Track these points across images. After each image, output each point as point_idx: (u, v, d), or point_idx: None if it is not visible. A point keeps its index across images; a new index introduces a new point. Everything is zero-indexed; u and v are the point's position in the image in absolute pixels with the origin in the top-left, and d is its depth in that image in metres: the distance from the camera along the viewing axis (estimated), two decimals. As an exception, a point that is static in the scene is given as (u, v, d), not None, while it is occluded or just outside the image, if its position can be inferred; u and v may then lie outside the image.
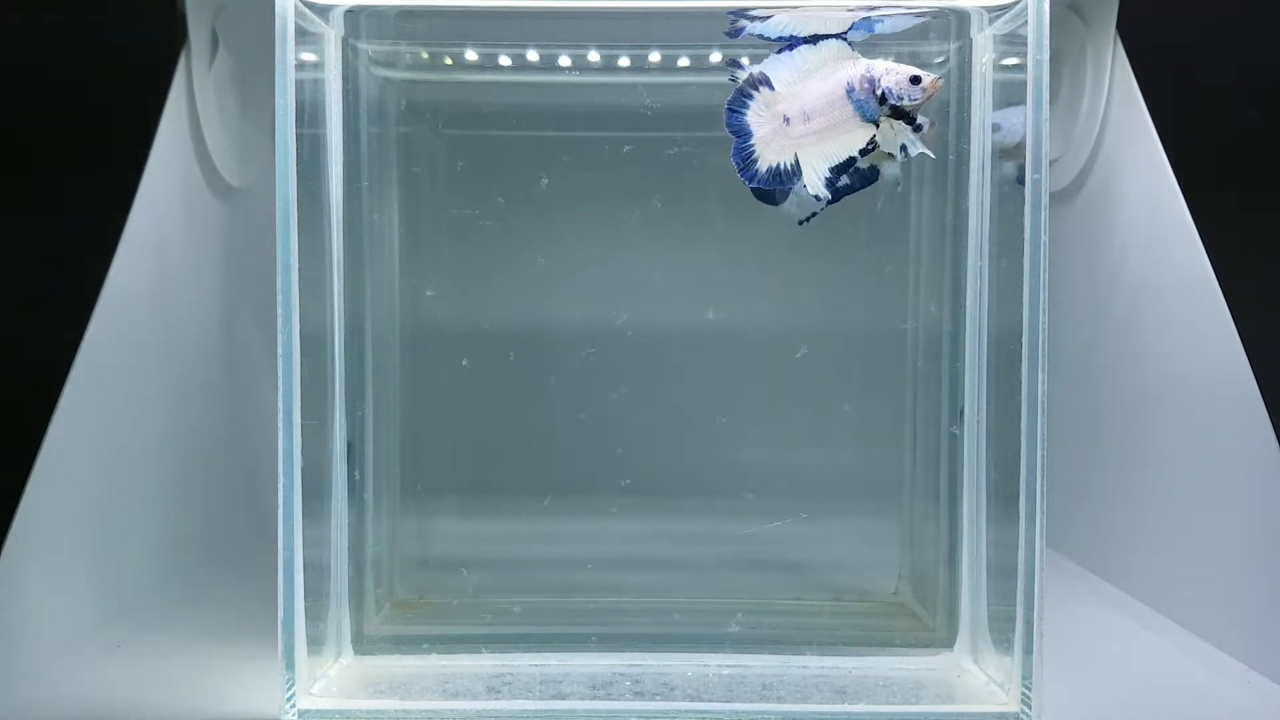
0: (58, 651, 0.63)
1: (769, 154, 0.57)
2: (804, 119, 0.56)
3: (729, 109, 0.57)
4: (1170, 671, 0.65)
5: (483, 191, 0.71)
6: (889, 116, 0.55)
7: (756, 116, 0.57)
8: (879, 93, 0.55)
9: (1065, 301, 0.84)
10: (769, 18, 0.57)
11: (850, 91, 0.55)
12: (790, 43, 0.56)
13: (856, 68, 0.55)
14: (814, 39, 0.56)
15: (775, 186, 0.57)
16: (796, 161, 0.56)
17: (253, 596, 0.72)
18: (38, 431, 0.62)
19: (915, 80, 0.55)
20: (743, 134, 0.57)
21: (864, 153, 0.56)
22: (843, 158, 0.56)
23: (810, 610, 0.71)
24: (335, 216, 0.62)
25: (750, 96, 0.56)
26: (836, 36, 0.56)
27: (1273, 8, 0.69)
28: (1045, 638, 0.55)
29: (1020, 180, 0.56)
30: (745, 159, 0.57)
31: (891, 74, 0.55)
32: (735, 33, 0.59)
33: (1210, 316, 0.68)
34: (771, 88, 0.56)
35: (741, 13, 0.58)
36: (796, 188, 0.57)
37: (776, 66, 0.56)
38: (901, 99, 0.55)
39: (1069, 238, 0.84)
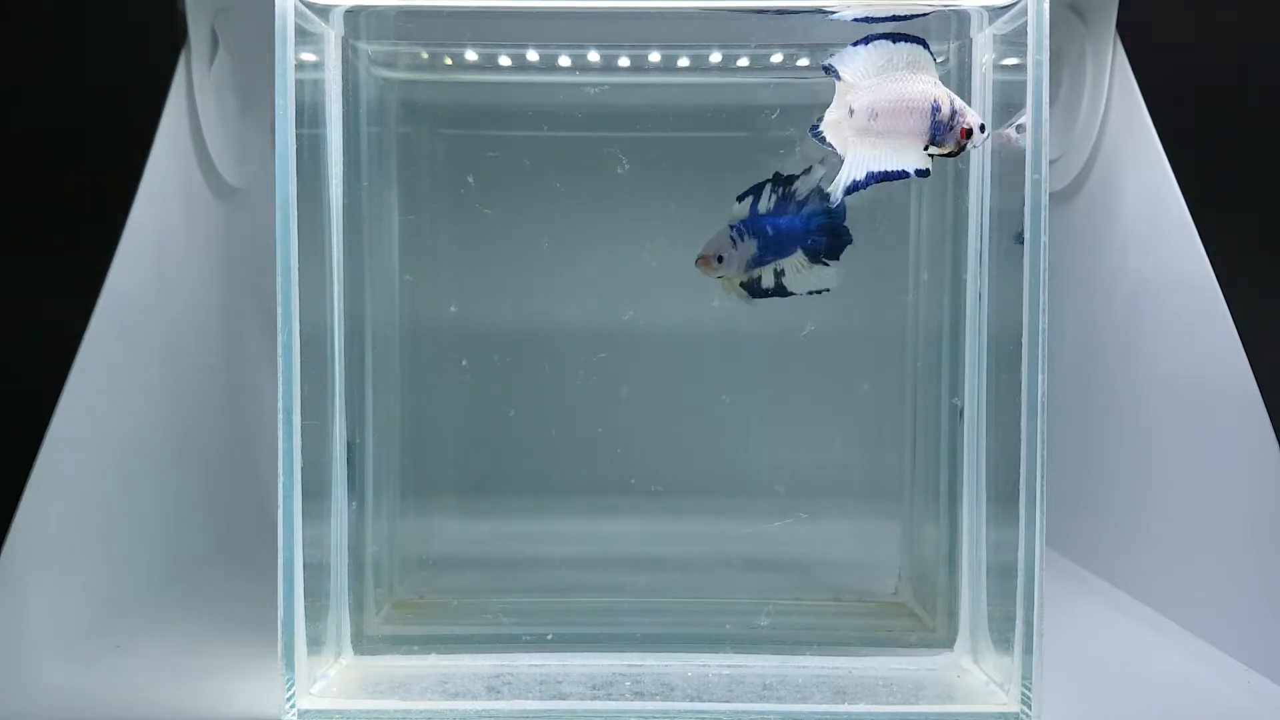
0: (58, 652, 0.63)
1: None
2: (870, 115, 0.55)
3: None
4: (1170, 672, 0.65)
5: (482, 191, 0.71)
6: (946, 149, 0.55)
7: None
8: (960, 128, 0.54)
9: (1065, 301, 0.84)
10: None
11: (936, 111, 0.54)
12: (867, 37, 0.55)
13: (939, 89, 0.55)
14: (894, 36, 0.55)
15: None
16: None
17: (253, 596, 0.72)
18: (38, 431, 0.62)
19: (982, 129, 0.55)
20: (813, 125, 0.57)
21: (920, 173, 0.55)
22: (890, 167, 0.55)
23: (810, 610, 0.71)
24: (335, 216, 0.62)
25: None
26: (917, 41, 0.55)
27: (1272, 7, 0.69)
28: (1045, 638, 0.55)
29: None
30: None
31: (968, 115, 0.55)
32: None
33: (1210, 316, 0.68)
34: (838, 77, 0.55)
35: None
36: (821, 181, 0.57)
37: (852, 58, 0.55)
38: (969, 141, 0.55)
39: (1069, 238, 0.84)
